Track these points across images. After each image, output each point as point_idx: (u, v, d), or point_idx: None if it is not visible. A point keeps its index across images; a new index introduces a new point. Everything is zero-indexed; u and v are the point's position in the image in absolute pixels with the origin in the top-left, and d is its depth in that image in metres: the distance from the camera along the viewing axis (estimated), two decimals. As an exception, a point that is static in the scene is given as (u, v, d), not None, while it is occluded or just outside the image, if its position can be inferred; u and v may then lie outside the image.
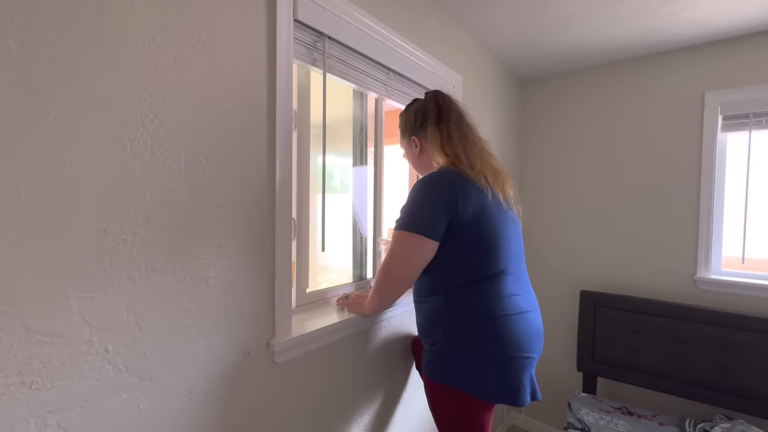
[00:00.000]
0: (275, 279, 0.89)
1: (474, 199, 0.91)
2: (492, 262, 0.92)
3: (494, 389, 0.89)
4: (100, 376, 0.63)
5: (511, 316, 0.90)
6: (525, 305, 0.95)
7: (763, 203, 1.70)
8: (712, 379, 1.61)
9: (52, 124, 0.57)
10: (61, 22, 0.57)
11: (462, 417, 0.95)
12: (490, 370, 0.89)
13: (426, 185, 0.93)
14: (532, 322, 0.95)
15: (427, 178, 0.94)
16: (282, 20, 0.87)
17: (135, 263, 0.66)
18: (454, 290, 0.93)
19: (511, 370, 0.89)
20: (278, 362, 0.91)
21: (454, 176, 0.93)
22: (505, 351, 0.89)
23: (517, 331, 0.90)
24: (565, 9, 1.49)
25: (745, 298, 1.68)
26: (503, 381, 0.89)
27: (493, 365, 0.89)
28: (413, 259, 0.92)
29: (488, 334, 0.89)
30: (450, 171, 0.95)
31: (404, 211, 0.95)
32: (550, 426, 2.22)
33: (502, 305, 0.90)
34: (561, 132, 2.17)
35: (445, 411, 0.98)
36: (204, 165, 0.75)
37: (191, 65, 0.73)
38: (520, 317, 0.92)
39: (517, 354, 0.90)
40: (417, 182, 0.96)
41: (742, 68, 1.69)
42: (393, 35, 1.22)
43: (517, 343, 0.90)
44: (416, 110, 1.08)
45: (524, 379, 0.90)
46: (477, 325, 0.90)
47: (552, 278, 2.21)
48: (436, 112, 1.04)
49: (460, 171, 0.95)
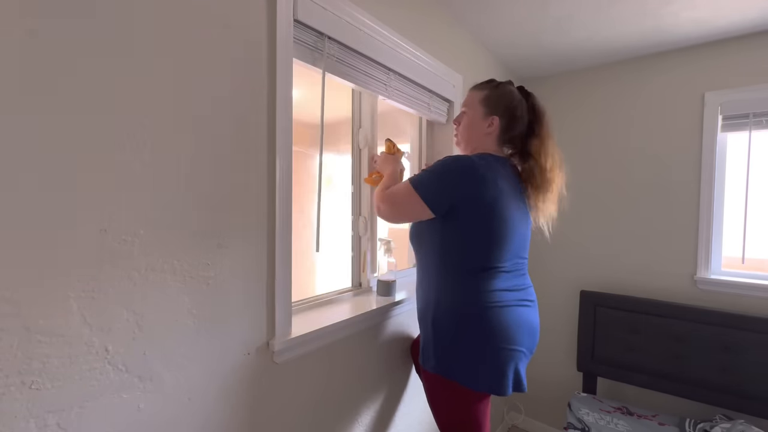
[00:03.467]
0: (275, 279, 0.89)
1: (492, 190, 0.93)
2: (493, 254, 0.95)
3: (478, 377, 0.94)
4: (100, 376, 0.63)
5: (501, 309, 0.94)
6: (518, 301, 0.98)
7: (763, 203, 1.70)
8: (712, 379, 1.61)
9: (52, 123, 0.57)
10: (61, 22, 0.57)
11: (456, 407, 0.99)
12: (476, 359, 0.93)
13: (452, 162, 0.95)
14: (522, 316, 0.98)
15: (458, 158, 0.96)
16: (282, 20, 0.87)
17: (135, 263, 0.66)
18: (452, 275, 0.97)
19: (495, 361, 0.93)
20: (278, 362, 0.91)
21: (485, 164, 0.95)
22: (491, 342, 0.93)
23: (505, 324, 0.94)
24: (565, 9, 1.50)
25: (745, 298, 1.68)
26: (486, 370, 0.93)
27: (479, 355, 0.93)
28: (405, 212, 1.00)
29: (475, 325, 0.93)
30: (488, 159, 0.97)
31: (424, 174, 0.98)
32: (550, 426, 2.22)
33: (493, 297, 0.94)
34: (560, 131, 2.16)
35: (439, 401, 1.02)
36: (204, 165, 0.75)
37: (191, 65, 0.72)
38: (510, 310, 0.95)
39: (502, 345, 0.93)
40: (447, 157, 0.98)
41: (742, 68, 1.69)
42: (393, 35, 1.22)
43: (503, 335, 0.93)
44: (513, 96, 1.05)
45: (507, 370, 0.94)
46: (466, 316, 0.94)
47: (552, 278, 2.21)
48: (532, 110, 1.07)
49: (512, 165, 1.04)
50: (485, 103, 1.05)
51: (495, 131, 1.04)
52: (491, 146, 1.05)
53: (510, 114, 1.04)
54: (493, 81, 1.09)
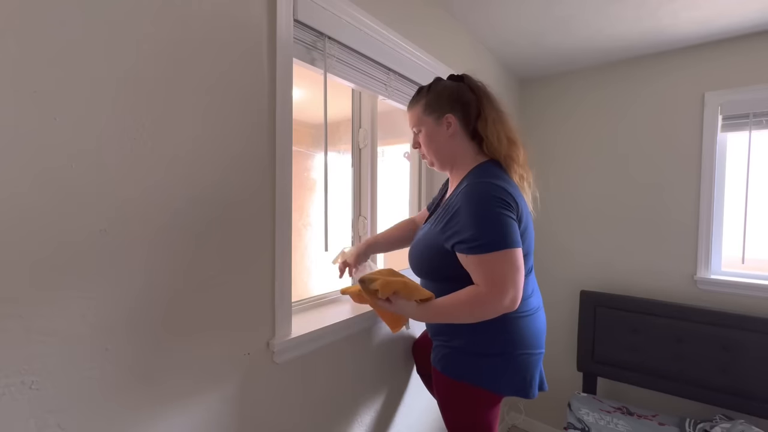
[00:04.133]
0: (275, 279, 0.89)
1: (521, 203, 0.90)
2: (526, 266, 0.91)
3: (508, 384, 0.93)
4: (100, 376, 0.63)
5: (528, 316, 0.94)
6: (536, 304, 0.98)
7: (763, 203, 1.70)
8: (712, 379, 1.61)
9: (52, 124, 0.57)
10: (60, 22, 0.57)
11: (474, 411, 0.98)
12: (506, 367, 0.92)
13: (486, 198, 0.84)
14: (541, 320, 0.99)
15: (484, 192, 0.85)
16: (282, 20, 0.87)
17: (135, 263, 0.66)
18: None
19: (525, 367, 0.93)
20: (278, 362, 0.91)
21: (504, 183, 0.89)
22: (520, 349, 0.92)
23: (530, 330, 0.94)
24: (565, 9, 1.49)
25: (745, 298, 1.68)
26: (518, 377, 0.93)
27: (509, 363, 0.92)
28: (519, 276, 0.83)
29: (509, 335, 0.92)
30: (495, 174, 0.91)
31: (476, 233, 0.82)
32: (550, 426, 2.22)
33: (523, 306, 0.92)
34: (561, 132, 2.16)
35: (457, 406, 1.00)
36: (204, 165, 0.75)
37: (191, 65, 0.72)
38: (533, 317, 0.95)
39: (530, 351, 0.93)
40: (472, 198, 0.85)
41: (742, 68, 1.69)
42: (393, 35, 1.22)
43: (529, 341, 0.93)
44: (450, 86, 0.99)
45: (535, 373, 0.95)
46: (501, 327, 0.91)
47: (552, 278, 2.21)
48: (472, 90, 0.98)
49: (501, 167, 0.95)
50: (429, 110, 0.97)
51: (457, 129, 0.96)
52: (465, 149, 0.97)
53: (459, 103, 0.96)
54: (421, 89, 1.02)
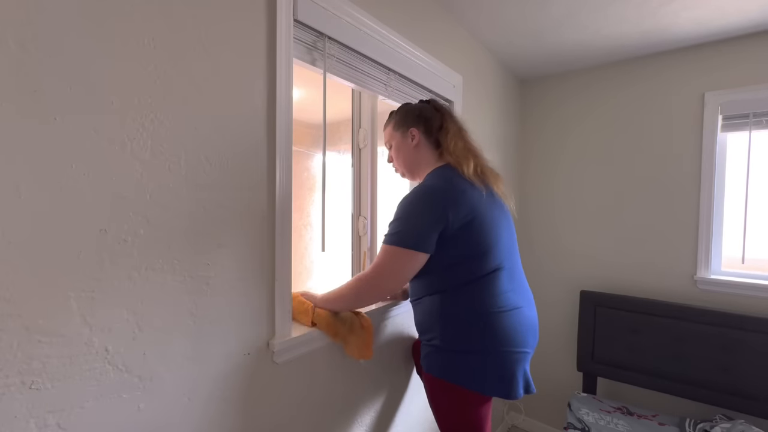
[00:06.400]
0: (275, 279, 0.89)
1: (466, 204, 0.92)
2: (487, 261, 0.94)
3: (489, 383, 0.93)
4: (100, 376, 0.63)
5: (505, 313, 0.94)
6: (519, 301, 0.98)
7: (763, 203, 1.70)
8: (712, 379, 1.61)
9: (52, 124, 0.57)
10: (61, 22, 0.57)
11: (460, 411, 0.98)
12: (485, 365, 0.93)
13: (416, 199, 0.94)
14: (526, 317, 0.98)
15: (418, 191, 0.95)
16: (282, 20, 0.87)
17: (135, 263, 0.66)
18: (451, 289, 0.96)
19: (505, 365, 0.93)
20: (278, 362, 0.91)
21: (446, 183, 0.95)
22: (499, 347, 0.93)
23: (511, 327, 0.94)
24: (565, 9, 1.49)
25: (745, 298, 1.68)
26: (497, 375, 0.93)
27: (488, 360, 0.93)
28: (403, 273, 0.93)
29: (483, 331, 0.92)
30: (443, 175, 0.98)
31: (395, 226, 0.94)
32: (550, 426, 2.22)
33: (497, 302, 0.94)
34: (561, 132, 2.16)
35: (443, 405, 1.01)
36: (204, 165, 0.75)
37: (191, 65, 0.73)
38: (514, 313, 0.95)
39: (511, 349, 0.93)
40: (408, 195, 0.96)
41: (742, 68, 1.69)
42: (393, 35, 1.22)
43: (510, 338, 0.93)
44: (415, 107, 1.12)
45: (517, 373, 0.94)
46: (472, 323, 0.93)
47: (552, 278, 2.21)
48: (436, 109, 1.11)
49: (454, 167, 1.00)
50: (398, 126, 1.11)
51: (420, 140, 1.07)
52: (429, 158, 1.07)
53: (422, 118, 1.08)
54: (392, 112, 1.15)
